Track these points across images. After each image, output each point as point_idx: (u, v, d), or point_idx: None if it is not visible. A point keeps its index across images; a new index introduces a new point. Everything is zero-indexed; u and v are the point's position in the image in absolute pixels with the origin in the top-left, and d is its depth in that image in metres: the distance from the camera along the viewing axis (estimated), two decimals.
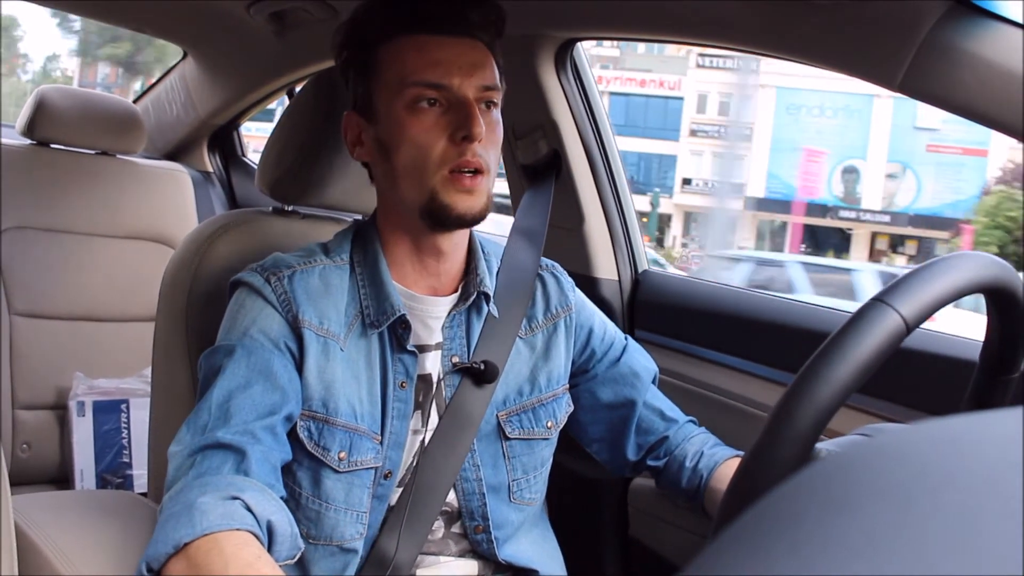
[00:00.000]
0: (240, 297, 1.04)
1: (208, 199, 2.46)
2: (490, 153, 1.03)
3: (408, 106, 1.01)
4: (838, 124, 22.46)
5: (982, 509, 0.25)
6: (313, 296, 1.03)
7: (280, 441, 0.97)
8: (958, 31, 0.97)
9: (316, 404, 1.01)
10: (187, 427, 0.95)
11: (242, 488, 0.88)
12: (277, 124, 1.26)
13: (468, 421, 1.09)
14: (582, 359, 1.23)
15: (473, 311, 1.12)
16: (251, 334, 1.00)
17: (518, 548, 1.15)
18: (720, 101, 23.57)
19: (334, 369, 1.02)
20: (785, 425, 0.67)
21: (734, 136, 23.21)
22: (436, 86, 1.01)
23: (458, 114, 1.00)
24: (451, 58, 1.02)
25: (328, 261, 1.08)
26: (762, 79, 22.35)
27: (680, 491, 1.19)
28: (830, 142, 22.24)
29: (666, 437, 1.22)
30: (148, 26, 2.39)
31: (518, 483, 1.14)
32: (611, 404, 1.22)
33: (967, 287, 0.75)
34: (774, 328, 1.43)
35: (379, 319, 1.05)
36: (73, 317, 2.10)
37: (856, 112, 22.17)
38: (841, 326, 0.70)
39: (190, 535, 0.82)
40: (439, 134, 1.00)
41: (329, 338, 1.03)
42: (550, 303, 1.20)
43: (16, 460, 1.97)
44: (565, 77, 1.61)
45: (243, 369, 0.97)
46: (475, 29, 1.04)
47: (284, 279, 1.03)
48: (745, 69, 22.00)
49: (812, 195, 22.14)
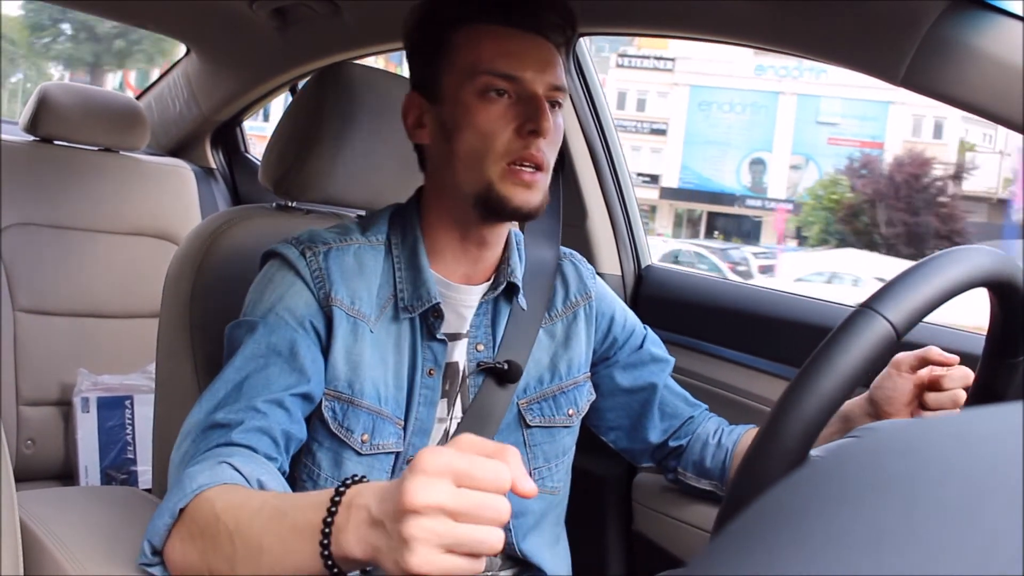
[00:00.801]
0: (271, 270, 1.03)
1: (211, 195, 2.46)
2: (551, 151, 1.03)
3: (478, 92, 1.00)
4: (746, 119, 24.22)
5: (984, 502, 0.25)
6: (347, 275, 1.03)
7: (291, 416, 0.95)
8: (960, 26, 0.97)
9: (342, 384, 1.01)
10: (200, 404, 0.94)
11: (231, 455, 0.87)
12: (280, 120, 1.26)
13: (490, 419, 1.09)
14: (604, 347, 1.23)
15: (501, 301, 1.12)
16: (276, 311, 0.99)
17: (539, 543, 1.14)
18: (638, 98, 24.65)
19: (362, 350, 1.02)
20: (774, 441, 0.66)
21: (650, 130, 24.84)
22: (509, 77, 1.00)
23: (527, 107, 1.00)
24: (526, 52, 1.02)
25: (364, 240, 1.07)
26: (676, 78, 24.16)
27: (705, 470, 1.21)
28: (739, 136, 24.01)
29: (691, 418, 1.24)
30: (151, 22, 2.39)
31: (539, 471, 1.14)
32: (631, 388, 1.23)
33: (960, 286, 0.73)
34: (777, 323, 1.43)
35: (413, 304, 1.04)
36: (77, 313, 2.10)
37: (763, 108, 23.92)
38: (829, 336, 0.69)
39: (183, 500, 0.82)
40: (506, 125, 1.00)
41: (359, 319, 1.02)
42: (569, 291, 1.20)
43: (21, 456, 1.97)
44: (568, 73, 1.61)
45: (263, 349, 0.96)
46: (549, 29, 1.04)
47: (320, 255, 1.03)
48: (661, 68, 23.97)
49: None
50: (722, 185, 24.09)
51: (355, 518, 0.69)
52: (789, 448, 0.66)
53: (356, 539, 0.69)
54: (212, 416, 0.92)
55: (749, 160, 24.12)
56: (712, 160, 24.21)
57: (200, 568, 0.80)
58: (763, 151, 23.98)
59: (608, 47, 22.93)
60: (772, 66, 23.51)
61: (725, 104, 24.35)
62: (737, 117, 24.34)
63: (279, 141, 1.24)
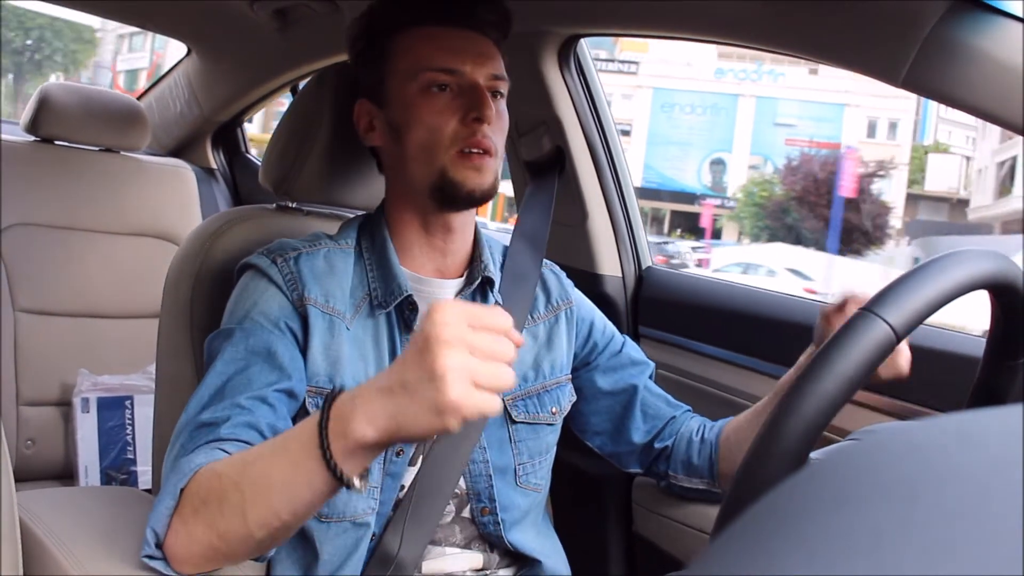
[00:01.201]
0: (244, 280, 1.06)
1: (212, 196, 2.47)
2: (498, 137, 1.07)
3: (421, 90, 1.05)
4: (706, 121, 25.47)
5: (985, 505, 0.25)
6: (319, 276, 1.06)
7: (276, 411, 0.97)
8: (962, 27, 0.97)
9: (322, 380, 1.03)
10: (186, 410, 0.96)
11: (223, 445, 0.90)
12: (280, 121, 1.26)
13: None
14: (584, 351, 1.26)
15: (478, 297, 1.14)
16: (251, 316, 1.01)
17: (525, 536, 1.16)
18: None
19: (339, 346, 1.04)
20: (775, 443, 0.66)
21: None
22: (449, 71, 1.05)
23: (469, 97, 1.04)
24: (463, 47, 1.06)
25: (333, 244, 1.11)
26: (640, 80, 25.39)
27: (693, 468, 1.23)
28: (699, 137, 25.27)
29: (673, 418, 1.26)
30: (151, 22, 2.40)
31: (524, 467, 1.16)
32: (612, 391, 1.26)
33: (960, 288, 0.73)
34: (778, 325, 1.43)
35: (386, 299, 1.07)
36: (77, 314, 2.10)
37: (723, 110, 25.20)
38: (829, 339, 0.69)
39: (182, 480, 0.84)
40: (450, 116, 1.04)
41: (335, 316, 1.04)
42: (551, 296, 1.24)
43: (20, 456, 1.97)
44: (568, 73, 1.61)
45: (241, 352, 0.98)
46: (484, 25, 1.09)
47: (290, 260, 1.06)
48: (626, 71, 25.25)
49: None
50: (684, 184, 25.17)
51: (362, 401, 0.73)
52: (789, 451, 0.66)
53: (367, 419, 0.73)
54: (198, 417, 0.94)
55: (710, 160, 25.37)
56: (673, 160, 25.26)
57: (208, 539, 0.82)
58: (723, 151, 25.22)
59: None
60: (732, 69, 24.66)
61: (687, 106, 25.55)
62: (698, 118, 25.49)
63: (279, 142, 1.24)
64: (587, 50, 1.64)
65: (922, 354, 1.17)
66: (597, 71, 1.67)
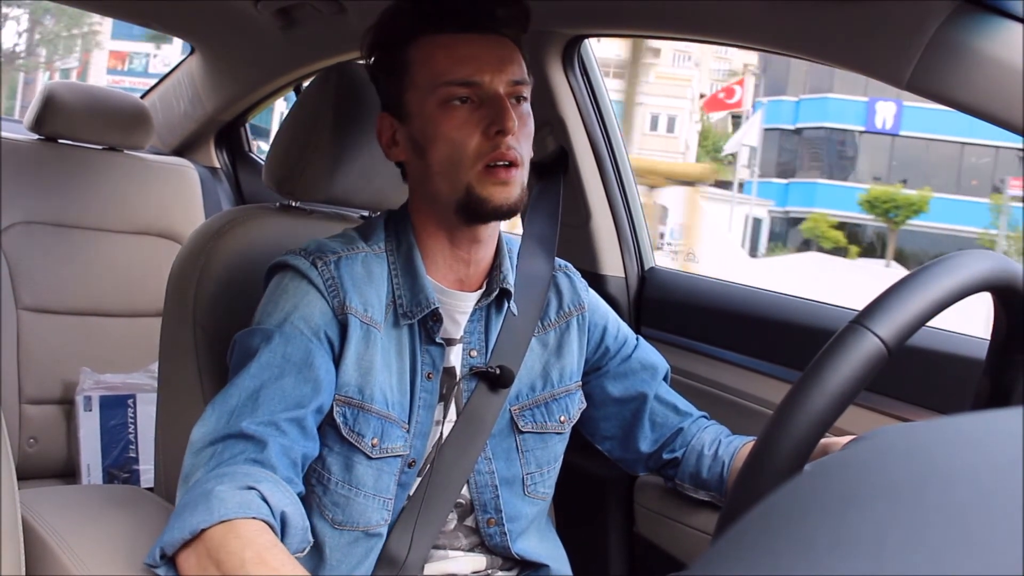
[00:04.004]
0: (283, 280, 1.04)
1: (215, 195, 2.47)
2: (523, 145, 1.04)
3: (440, 105, 1.02)
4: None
5: (989, 506, 0.25)
6: (358, 283, 1.04)
7: (308, 435, 0.96)
8: (966, 29, 0.97)
9: (352, 390, 1.02)
10: (213, 409, 0.95)
11: (259, 479, 0.88)
12: (284, 120, 1.26)
13: (482, 424, 1.11)
14: (596, 356, 1.24)
15: (493, 307, 1.13)
16: (292, 321, 1.00)
17: (530, 543, 1.16)
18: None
19: (373, 356, 1.03)
20: (766, 459, 0.66)
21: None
22: (467, 83, 1.02)
23: (491, 109, 1.01)
24: (480, 55, 1.03)
25: (368, 249, 1.08)
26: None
27: (701, 481, 1.21)
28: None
29: (681, 429, 1.24)
30: (156, 22, 2.39)
31: (532, 476, 1.15)
32: (622, 398, 1.24)
33: (954, 294, 0.71)
34: (781, 325, 1.43)
35: (412, 311, 1.06)
36: (80, 312, 2.10)
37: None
38: (818, 354, 0.68)
39: (207, 522, 0.82)
40: (472, 130, 1.01)
41: (372, 325, 1.03)
42: (563, 302, 1.21)
43: (23, 455, 1.97)
44: (572, 74, 1.61)
45: (278, 358, 0.97)
46: (501, 25, 1.05)
47: (331, 264, 1.04)
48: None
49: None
50: None
51: None
52: (781, 468, 0.65)
53: None
54: (234, 424, 0.93)
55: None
56: None
57: None
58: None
59: None
60: None
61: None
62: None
63: (283, 141, 1.24)
64: (591, 51, 1.64)
65: (923, 356, 1.17)
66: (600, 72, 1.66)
